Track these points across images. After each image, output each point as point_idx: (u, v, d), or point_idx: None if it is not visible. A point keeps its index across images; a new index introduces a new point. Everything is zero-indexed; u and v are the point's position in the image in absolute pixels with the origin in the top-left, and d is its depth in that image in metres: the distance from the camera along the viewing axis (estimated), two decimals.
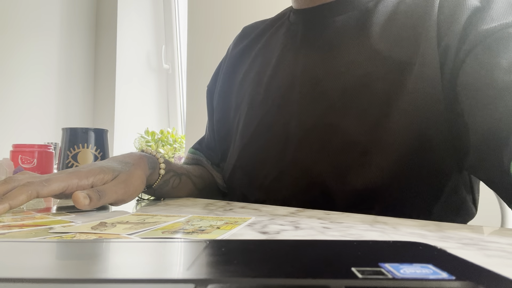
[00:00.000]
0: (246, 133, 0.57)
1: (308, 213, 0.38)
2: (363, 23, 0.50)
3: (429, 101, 0.43)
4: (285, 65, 0.55)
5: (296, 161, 0.50)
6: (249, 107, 0.57)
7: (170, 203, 0.50)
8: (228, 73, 0.65)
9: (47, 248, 0.19)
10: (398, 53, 0.46)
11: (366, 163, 0.45)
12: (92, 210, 0.41)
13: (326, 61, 0.51)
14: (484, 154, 0.39)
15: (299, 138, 0.50)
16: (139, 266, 0.15)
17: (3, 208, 0.34)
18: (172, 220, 0.32)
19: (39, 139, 1.77)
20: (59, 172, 0.41)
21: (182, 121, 2.24)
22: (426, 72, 0.43)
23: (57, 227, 0.30)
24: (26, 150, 0.75)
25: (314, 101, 0.50)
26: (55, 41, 2.51)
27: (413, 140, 0.43)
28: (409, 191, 0.44)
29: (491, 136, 0.37)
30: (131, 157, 0.48)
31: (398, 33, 0.47)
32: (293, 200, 0.50)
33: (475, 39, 0.41)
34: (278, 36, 0.59)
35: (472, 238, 0.25)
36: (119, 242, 0.20)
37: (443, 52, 0.43)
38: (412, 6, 0.47)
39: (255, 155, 0.55)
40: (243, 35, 0.69)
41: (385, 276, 0.13)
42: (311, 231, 0.28)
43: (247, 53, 0.64)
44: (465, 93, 0.41)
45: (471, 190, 0.49)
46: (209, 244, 0.18)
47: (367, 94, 0.46)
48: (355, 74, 0.48)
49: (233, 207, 0.44)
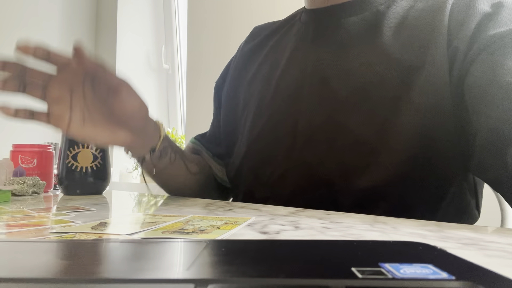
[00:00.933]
0: (254, 130, 0.57)
1: (308, 213, 0.38)
2: (375, 25, 0.50)
3: (437, 103, 0.43)
4: (295, 64, 0.55)
5: (303, 159, 0.50)
6: (258, 105, 0.58)
7: (170, 203, 0.50)
8: (238, 70, 0.66)
9: (47, 248, 0.19)
10: (408, 56, 0.46)
11: (373, 163, 0.45)
12: (92, 210, 0.41)
13: (336, 61, 0.51)
14: (490, 155, 0.39)
15: (307, 136, 0.51)
16: (139, 266, 0.15)
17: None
18: (172, 220, 0.32)
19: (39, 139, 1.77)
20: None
21: (182, 121, 2.23)
22: (435, 75, 0.44)
23: (57, 227, 0.30)
24: (26, 150, 0.75)
25: (323, 100, 0.50)
26: (55, 41, 2.51)
27: (420, 141, 0.44)
28: (414, 192, 0.44)
29: (496, 136, 0.38)
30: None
31: (409, 37, 0.47)
32: (298, 198, 0.50)
33: (484, 43, 0.41)
34: (289, 36, 0.60)
35: (472, 238, 0.25)
36: (119, 242, 0.20)
37: (452, 56, 0.44)
38: (424, 12, 0.48)
39: (262, 152, 0.55)
40: (254, 34, 0.69)
41: (385, 276, 0.13)
42: (311, 231, 0.28)
43: (258, 51, 0.64)
44: (471, 93, 0.41)
45: (475, 195, 0.49)
46: (209, 244, 0.18)
47: (376, 95, 0.46)
48: (365, 74, 0.48)
49: (233, 207, 0.44)
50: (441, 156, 0.44)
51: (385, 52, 0.47)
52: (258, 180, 0.55)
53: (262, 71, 0.60)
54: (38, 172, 0.74)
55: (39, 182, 0.67)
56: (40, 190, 0.67)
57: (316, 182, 0.49)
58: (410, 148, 0.44)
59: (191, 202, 0.51)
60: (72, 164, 0.64)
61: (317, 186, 0.49)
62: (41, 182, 0.68)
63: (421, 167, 0.44)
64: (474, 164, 0.42)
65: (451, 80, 0.43)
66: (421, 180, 0.44)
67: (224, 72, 0.72)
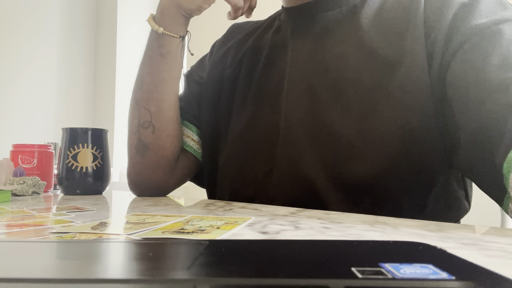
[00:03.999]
0: (237, 129, 0.57)
1: (308, 213, 0.38)
2: (351, 18, 0.51)
3: (415, 96, 0.43)
4: (274, 61, 0.56)
5: (286, 156, 0.50)
6: (240, 104, 0.58)
7: (170, 203, 0.50)
8: (217, 69, 0.65)
9: (47, 248, 0.19)
10: (385, 48, 0.46)
11: (354, 157, 0.45)
12: (92, 210, 0.41)
13: (313, 56, 0.51)
14: (475, 154, 0.38)
15: (288, 132, 0.51)
16: (139, 266, 0.15)
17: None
18: (172, 220, 0.32)
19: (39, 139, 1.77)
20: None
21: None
22: (413, 67, 0.44)
23: (57, 227, 0.30)
24: (26, 150, 0.75)
25: (302, 96, 0.51)
26: (55, 41, 2.51)
27: (400, 135, 0.43)
28: (398, 187, 0.44)
29: (482, 135, 0.37)
30: None
31: (385, 28, 0.47)
32: (282, 195, 0.50)
33: (464, 35, 0.41)
34: (269, 34, 0.60)
35: (472, 238, 0.25)
36: (119, 242, 0.20)
37: (430, 47, 0.43)
38: (399, 2, 0.48)
39: (246, 152, 0.55)
40: (231, 32, 0.69)
41: (385, 276, 0.13)
42: (311, 231, 0.28)
43: (237, 49, 0.64)
44: (454, 91, 0.40)
45: (463, 185, 0.49)
46: (209, 244, 0.18)
47: (353, 88, 0.47)
48: (341, 68, 0.48)
49: (233, 207, 0.44)
50: (423, 150, 0.43)
51: (362, 45, 0.48)
52: (244, 179, 0.55)
53: (242, 69, 0.60)
54: (38, 172, 0.74)
55: (39, 182, 0.67)
56: (40, 190, 0.67)
57: (297, 177, 0.49)
58: (390, 143, 0.44)
59: (191, 202, 0.51)
60: (72, 164, 0.64)
61: (299, 182, 0.49)
62: (41, 182, 0.68)
63: (403, 161, 0.44)
64: (461, 163, 0.41)
65: (431, 72, 0.43)
66: (405, 174, 0.44)
67: (197, 67, 0.70)
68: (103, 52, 2.63)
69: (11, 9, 2.24)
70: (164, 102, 0.58)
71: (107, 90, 2.56)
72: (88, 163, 0.65)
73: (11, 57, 2.25)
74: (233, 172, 0.57)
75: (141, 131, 0.59)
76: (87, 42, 2.65)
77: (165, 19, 0.56)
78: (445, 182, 0.45)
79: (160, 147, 0.59)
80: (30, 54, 2.34)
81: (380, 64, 0.46)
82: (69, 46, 2.55)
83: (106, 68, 2.59)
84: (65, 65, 2.53)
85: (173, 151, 0.60)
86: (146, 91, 0.58)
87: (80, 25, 2.62)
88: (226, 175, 0.58)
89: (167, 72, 0.58)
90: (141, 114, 0.59)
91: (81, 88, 2.62)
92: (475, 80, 0.38)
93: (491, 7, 0.41)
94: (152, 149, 0.59)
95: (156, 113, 0.58)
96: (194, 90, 0.67)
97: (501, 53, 0.38)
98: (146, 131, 0.58)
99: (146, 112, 0.58)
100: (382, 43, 0.46)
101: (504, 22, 0.40)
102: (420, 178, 0.44)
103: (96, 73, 2.68)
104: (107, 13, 2.60)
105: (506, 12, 0.40)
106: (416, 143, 0.43)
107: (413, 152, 0.43)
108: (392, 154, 0.44)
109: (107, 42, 2.58)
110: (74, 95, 2.58)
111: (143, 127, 0.58)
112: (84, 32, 2.64)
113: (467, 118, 0.39)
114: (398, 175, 0.44)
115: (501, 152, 0.35)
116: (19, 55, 2.29)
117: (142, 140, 0.59)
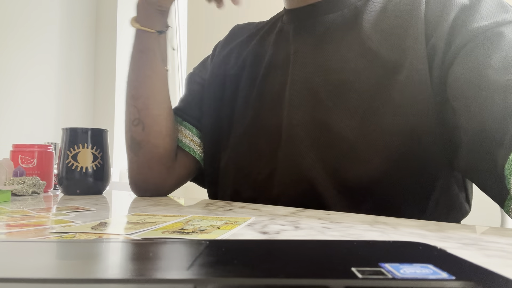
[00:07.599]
0: (239, 131, 0.57)
1: (308, 213, 0.38)
2: (353, 21, 0.51)
3: (417, 99, 0.43)
4: (277, 64, 0.56)
5: (287, 157, 0.51)
6: (243, 105, 0.58)
7: (170, 203, 0.50)
8: (220, 70, 0.65)
9: (47, 248, 0.19)
10: (386, 51, 0.46)
11: (355, 159, 0.45)
12: (92, 210, 0.41)
13: (316, 58, 0.52)
14: (477, 156, 0.38)
15: (290, 135, 0.51)
16: (139, 266, 0.15)
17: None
18: (172, 220, 0.32)
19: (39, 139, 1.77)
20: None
21: None
22: (415, 69, 0.44)
23: (57, 227, 0.30)
24: (26, 150, 0.75)
25: (304, 98, 0.51)
26: (55, 41, 2.51)
27: (401, 137, 0.44)
28: (399, 187, 0.44)
29: (483, 137, 0.37)
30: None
31: (387, 31, 0.47)
32: (284, 196, 0.50)
33: (465, 37, 0.41)
34: (271, 36, 0.60)
35: (472, 238, 0.25)
36: (119, 242, 0.20)
37: (431, 50, 0.43)
38: (400, 4, 0.48)
39: (249, 153, 0.55)
40: (234, 33, 0.69)
41: (385, 276, 0.13)
42: (311, 231, 0.28)
43: (240, 50, 0.64)
44: (456, 93, 0.40)
45: (464, 188, 0.49)
46: (209, 244, 0.18)
47: (355, 91, 0.47)
48: (344, 70, 0.48)
49: (233, 207, 0.44)
50: (424, 152, 0.43)
51: (364, 48, 0.48)
52: (246, 180, 0.55)
53: (245, 70, 0.60)
54: (38, 172, 0.74)
55: (39, 182, 0.67)
56: (40, 190, 0.67)
57: (299, 179, 0.49)
58: (391, 144, 0.44)
59: (191, 202, 0.51)
60: (72, 164, 0.64)
61: (301, 183, 0.49)
62: (41, 182, 0.68)
63: (404, 162, 0.44)
64: (462, 165, 0.41)
65: (432, 75, 0.43)
66: (406, 176, 0.44)
67: (199, 69, 0.70)
68: (103, 52, 2.63)
69: (11, 9, 2.24)
70: (151, 99, 0.58)
71: (107, 90, 2.56)
72: (88, 163, 0.65)
73: (11, 57, 2.25)
74: (235, 173, 0.57)
75: (132, 129, 0.59)
76: (87, 42, 2.65)
77: (140, 15, 0.58)
78: (446, 185, 0.45)
79: (152, 145, 0.59)
80: (30, 54, 2.34)
81: (381, 67, 0.46)
82: (69, 46, 2.55)
83: (106, 68, 2.58)
84: (65, 65, 2.53)
85: (166, 149, 0.60)
86: (133, 88, 0.59)
87: (80, 25, 2.62)
88: (227, 176, 0.58)
89: (149, 68, 0.58)
90: (130, 112, 0.59)
91: (81, 88, 2.62)
92: (476, 82, 0.38)
93: (492, 10, 0.41)
94: (144, 147, 0.59)
95: (144, 110, 0.58)
96: (195, 92, 0.67)
97: (502, 55, 0.38)
98: (136, 129, 0.59)
99: (134, 110, 0.59)
100: (384, 46, 0.46)
101: (505, 25, 0.40)
102: (421, 180, 0.44)
103: (96, 73, 2.68)
104: (107, 13, 2.60)
105: (507, 15, 0.40)
106: (418, 146, 0.43)
107: (415, 154, 0.43)
108: (393, 157, 0.44)
109: (107, 42, 2.58)
110: (74, 95, 2.58)
111: (133, 124, 0.59)
112: (84, 32, 2.64)
113: (468, 120, 0.39)
114: (399, 177, 0.44)
115: (502, 153, 0.35)
116: (19, 55, 2.29)
117: (134, 137, 0.59)
